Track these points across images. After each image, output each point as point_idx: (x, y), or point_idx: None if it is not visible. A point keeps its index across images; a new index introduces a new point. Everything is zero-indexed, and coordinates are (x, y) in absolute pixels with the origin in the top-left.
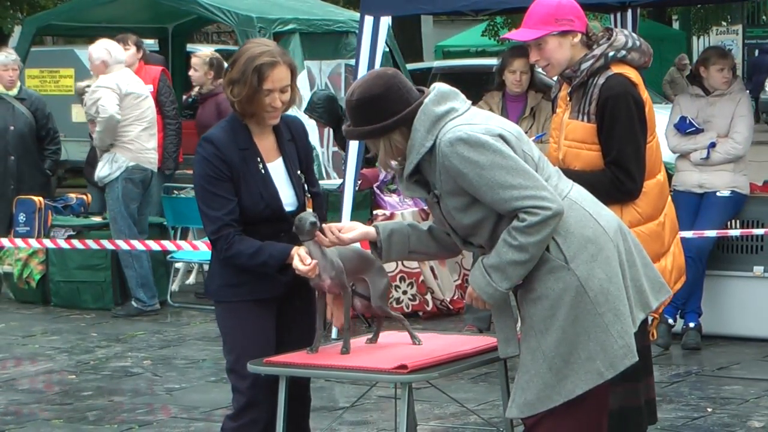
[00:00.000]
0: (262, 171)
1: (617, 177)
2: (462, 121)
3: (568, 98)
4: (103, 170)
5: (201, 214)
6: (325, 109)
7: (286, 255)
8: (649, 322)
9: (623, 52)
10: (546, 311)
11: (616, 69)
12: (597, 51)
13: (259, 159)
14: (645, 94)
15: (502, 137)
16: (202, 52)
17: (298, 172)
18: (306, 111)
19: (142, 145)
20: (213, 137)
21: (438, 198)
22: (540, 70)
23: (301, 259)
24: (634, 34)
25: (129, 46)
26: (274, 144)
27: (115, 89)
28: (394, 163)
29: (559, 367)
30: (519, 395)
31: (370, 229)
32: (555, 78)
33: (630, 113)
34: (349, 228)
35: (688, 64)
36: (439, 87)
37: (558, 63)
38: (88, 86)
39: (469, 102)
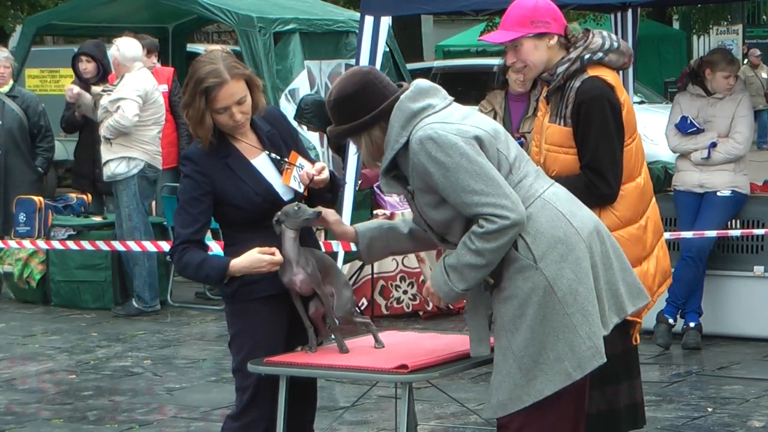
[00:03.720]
0: (250, 169)
1: (591, 181)
2: (436, 119)
3: (546, 102)
4: (119, 168)
5: (174, 225)
6: (314, 114)
7: (224, 268)
8: (633, 325)
9: (600, 54)
10: (515, 310)
11: (592, 72)
12: (573, 54)
13: (243, 160)
14: (623, 96)
15: (477, 138)
16: (213, 47)
17: (285, 158)
18: (295, 118)
19: (155, 147)
20: (191, 154)
21: (412, 194)
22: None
23: (264, 253)
24: (613, 35)
25: (150, 55)
26: (256, 141)
27: (138, 99)
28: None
29: (528, 368)
30: (492, 395)
31: (349, 230)
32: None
33: (604, 116)
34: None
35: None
36: (417, 83)
37: (534, 65)
38: (104, 90)
39: (450, 99)
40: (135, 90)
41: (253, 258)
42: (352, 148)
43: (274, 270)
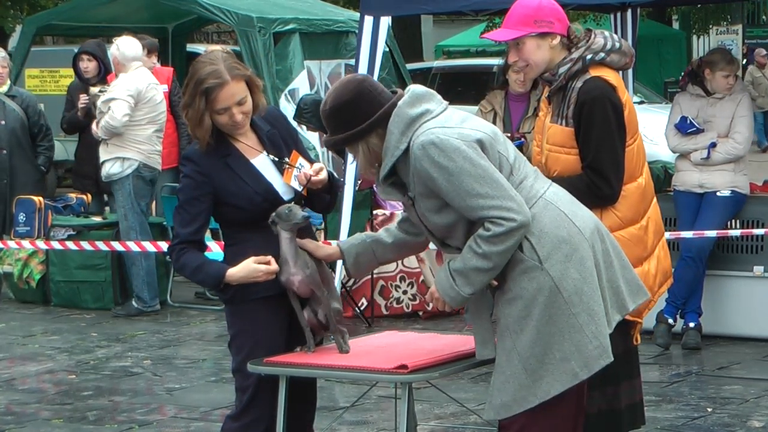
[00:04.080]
0: (250, 169)
1: (593, 182)
2: (436, 123)
3: (548, 102)
4: (113, 168)
5: (173, 225)
6: (313, 114)
7: (221, 276)
8: (634, 326)
9: (602, 55)
10: (520, 311)
11: (594, 72)
12: (575, 54)
13: (243, 160)
14: (625, 97)
15: (478, 141)
16: (214, 47)
17: (286, 159)
18: (295, 118)
19: (152, 146)
20: (191, 154)
21: (413, 200)
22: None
23: (260, 262)
24: (615, 36)
25: (151, 55)
26: (256, 141)
27: (129, 99)
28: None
29: (534, 368)
30: (495, 397)
31: (333, 249)
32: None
33: (606, 117)
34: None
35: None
36: (413, 89)
37: (536, 64)
38: (101, 91)
39: (446, 103)
40: (126, 90)
41: (250, 268)
42: None
43: (270, 279)
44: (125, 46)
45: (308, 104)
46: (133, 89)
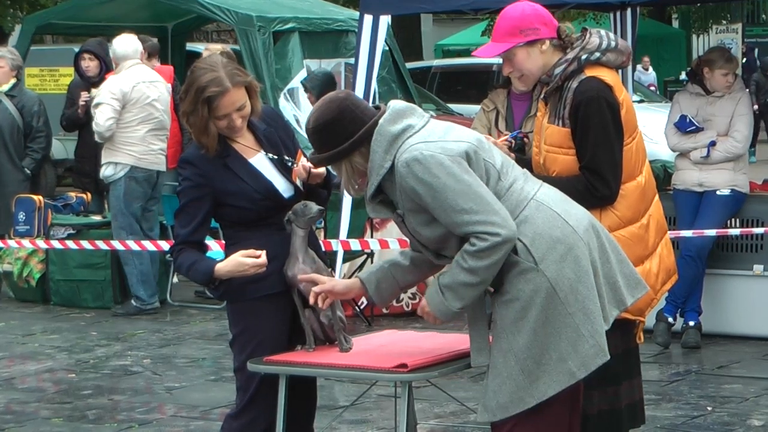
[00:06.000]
0: (249, 169)
1: (591, 183)
2: (418, 139)
3: (545, 102)
4: (107, 170)
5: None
6: (319, 81)
7: (210, 272)
8: (636, 324)
9: (597, 55)
10: (517, 313)
11: (590, 72)
12: (570, 55)
13: (241, 160)
14: (622, 96)
15: (463, 153)
16: (213, 46)
17: (286, 157)
18: (303, 81)
19: (147, 146)
20: (189, 157)
21: (402, 217)
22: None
23: (249, 256)
24: (611, 34)
25: (152, 58)
26: (253, 140)
27: (113, 103)
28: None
29: (531, 369)
30: (490, 398)
31: (353, 282)
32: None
33: (603, 117)
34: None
35: None
36: (393, 105)
37: (531, 72)
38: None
39: (427, 115)
40: (110, 93)
41: (236, 261)
42: None
43: (260, 272)
44: (118, 44)
45: (320, 73)
46: (117, 92)
